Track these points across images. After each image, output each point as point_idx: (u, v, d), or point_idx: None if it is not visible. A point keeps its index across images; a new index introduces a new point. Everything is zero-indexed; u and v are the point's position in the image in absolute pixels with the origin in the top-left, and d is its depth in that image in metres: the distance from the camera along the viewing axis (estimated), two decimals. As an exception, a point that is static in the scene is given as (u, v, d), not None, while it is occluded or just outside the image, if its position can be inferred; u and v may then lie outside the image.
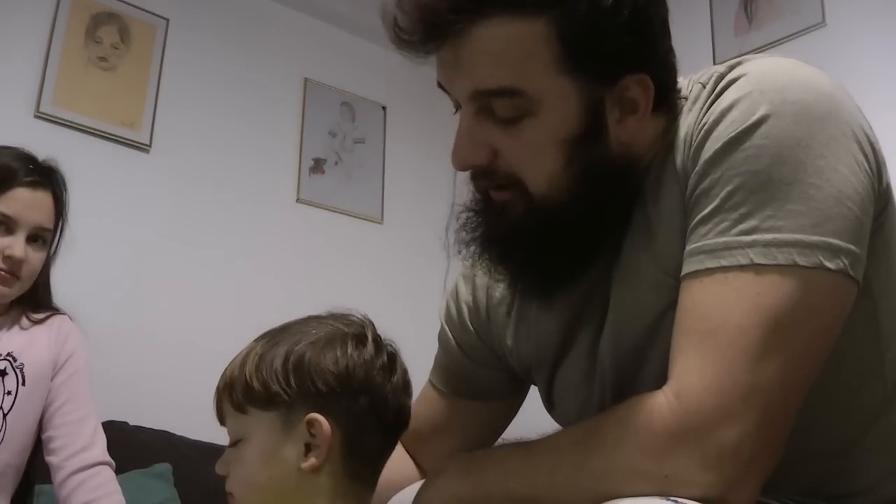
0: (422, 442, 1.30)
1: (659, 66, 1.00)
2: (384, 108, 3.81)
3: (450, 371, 1.32)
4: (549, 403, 1.21)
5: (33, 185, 1.82)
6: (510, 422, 1.32)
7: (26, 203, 1.80)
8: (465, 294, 1.29)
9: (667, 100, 1.03)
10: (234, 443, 1.06)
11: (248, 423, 1.05)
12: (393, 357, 1.09)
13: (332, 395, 1.03)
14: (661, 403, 0.88)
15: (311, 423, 1.01)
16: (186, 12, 3.29)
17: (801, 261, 0.87)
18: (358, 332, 1.09)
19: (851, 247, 0.89)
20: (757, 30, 2.90)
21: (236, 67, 3.40)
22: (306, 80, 3.59)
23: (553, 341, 1.13)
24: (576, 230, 1.01)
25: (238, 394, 1.05)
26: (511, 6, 0.94)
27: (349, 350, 1.05)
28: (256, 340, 1.09)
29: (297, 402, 1.02)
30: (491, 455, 1.05)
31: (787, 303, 0.87)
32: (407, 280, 3.67)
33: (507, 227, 1.02)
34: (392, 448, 1.10)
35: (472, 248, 1.07)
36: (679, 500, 0.83)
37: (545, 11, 0.94)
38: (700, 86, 1.02)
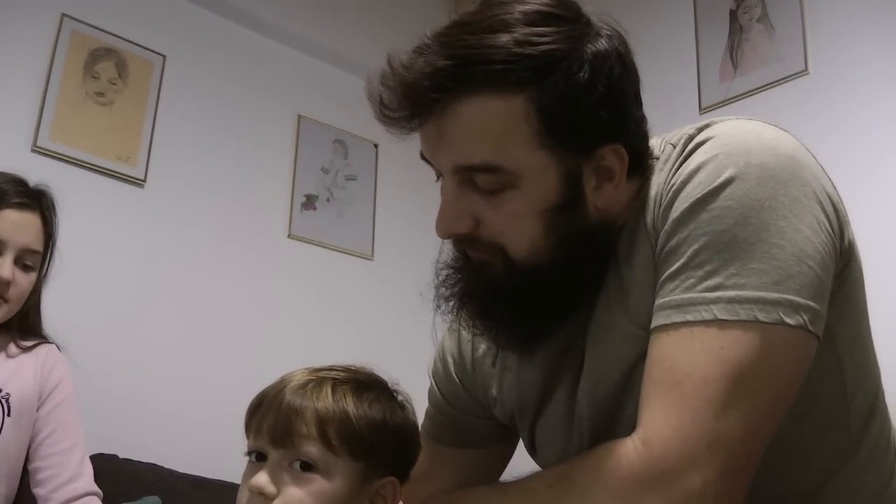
0: (413, 486, 1.33)
1: (632, 135, 1.05)
2: (376, 146, 3.84)
3: (436, 422, 1.36)
4: (532, 449, 1.24)
5: (21, 206, 1.82)
6: (501, 468, 1.35)
7: (14, 224, 1.80)
8: (450, 347, 1.33)
9: (640, 165, 1.07)
10: (303, 467, 1.03)
11: (334, 462, 1.04)
12: None
13: (409, 459, 1.12)
14: (629, 450, 0.92)
15: (388, 486, 1.07)
16: (183, 49, 3.32)
17: (762, 317, 0.91)
18: (403, 398, 1.16)
19: (811, 303, 0.93)
20: (742, 76, 2.94)
21: (231, 103, 3.44)
22: (300, 116, 3.63)
23: (534, 391, 1.17)
24: (554, 290, 1.05)
25: (335, 431, 1.04)
26: (491, 84, 0.98)
27: (410, 417, 1.13)
28: (323, 374, 1.11)
29: (380, 461, 1.06)
30: (468, 496, 1.09)
31: (749, 356, 0.91)
32: (396, 316, 3.68)
33: (487, 285, 1.06)
34: None
35: (452, 303, 1.11)
36: None
37: (525, 88, 0.98)
38: (671, 147, 1.06)
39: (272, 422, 1.04)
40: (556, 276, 1.03)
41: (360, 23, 3.78)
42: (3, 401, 1.79)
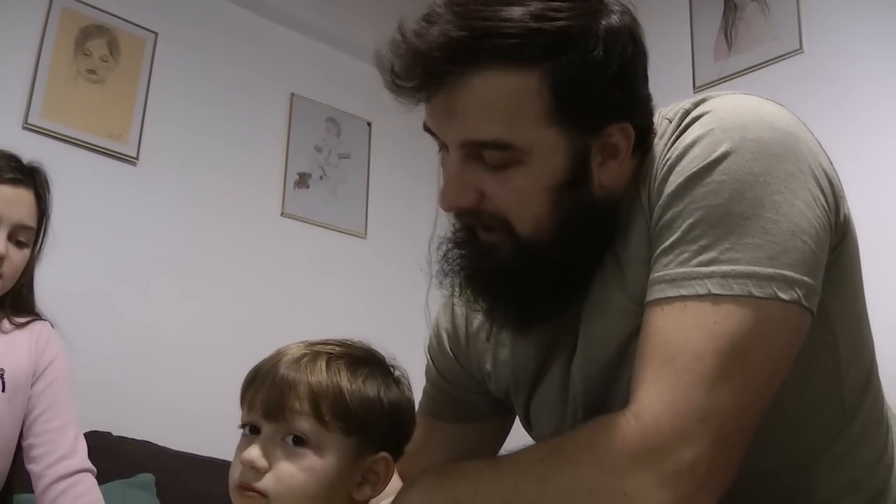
0: (409, 460, 1.34)
1: (640, 113, 1.04)
2: (369, 124, 3.84)
3: (432, 397, 1.37)
4: (528, 424, 1.25)
5: (15, 182, 1.81)
6: (499, 443, 1.36)
7: (7, 200, 1.79)
8: (444, 322, 1.33)
9: (644, 142, 1.06)
10: (295, 441, 1.04)
11: (326, 437, 1.04)
12: None
13: (404, 436, 1.13)
14: (621, 424, 0.92)
15: (381, 462, 1.08)
16: (175, 26, 3.31)
17: (756, 292, 0.91)
18: (401, 372, 1.17)
19: (806, 279, 0.93)
20: (736, 55, 2.94)
21: (224, 81, 3.43)
22: (293, 95, 3.62)
23: (529, 367, 1.17)
24: (558, 269, 1.05)
25: (328, 406, 1.04)
26: (506, 59, 0.96)
27: (405, 393, 1.14)
28: (318, 348, 1.11)
29: (376, 437, 1.08)
30: (462, 469, 1.08)
31: (743, 331, 0.91)
32: (389, 294, 3.70)
33: (493, 266, 1.05)
34: None
35: (455, 280, 1.10)
36: None
37: (539, 64, 0.96)
38: (667, 121, 1.06)
39: (265, 395, 1.05)
40: (562, 253, 1.03)
41: (352, 1, 3.76)
42: None
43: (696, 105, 1.03)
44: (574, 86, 0.97)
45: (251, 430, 1.06)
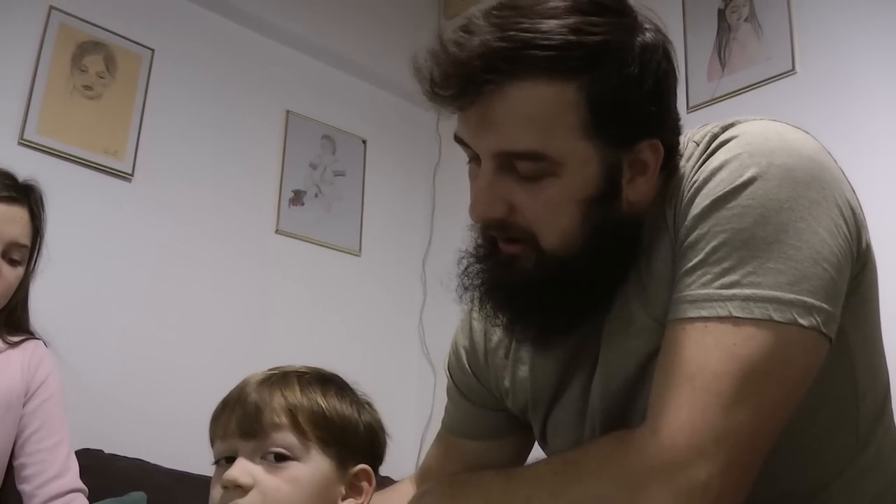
0: (428, 475, 1.35)
1: (670, 130, 1.06)
2: (364, 142, 3.84)
3: (453, 414, 1.39)
4: (543, 441, 1.26)
5: (9, 200, 1.81)
6: (518, 460, 1.35)
7: (2, 218, 1.79)
8: (462, 340, 1.35)
9: (671, 161, 1.07)
10: (278, 458, 1.04)
11: (307, 448, 1.06)
12: None
13: (378, 450, 1.16)
14: (637, 439, 0.94)
15: (361, 475, 1.11)
16: (172, 43, 3.32)
17: (776, 316, 0.92)
18: (362, 396, 1.20)
19: (825, 305, 0.94)
20: (730, 75, 2.95)
21: (220, 98, 3.43)
22: (288, 112, 3.62)
23: (549, 383, 1.18)
24: (581, 284, 1.05)
25: (305, 418, 1.06)
26: (545, 70, 0.97)
27: (375, 415, 1.17)
28: (285, 369, 1.13)
29: (354, 452, 1.11)
30: (474, 480, 1.09)
31: (761, 354, 0.92)
32: (384, 311, 3.70)
33: (515, 279, 1.06)
34: None
35: (475, 294, 1.11)
36: None
37: (577, 77, 0.98)
38: (694, 144, 1.07)
39: (241, 416, 1.05)
40: (586, 268, 1.04)
41: (348, 19, 3.78)
42: None
43: (725, 129, 1.04)
44: (610, 100, 0.98)
45: (227, 461, 1.06)
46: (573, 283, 1.05)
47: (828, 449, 1.06)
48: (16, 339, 1.90)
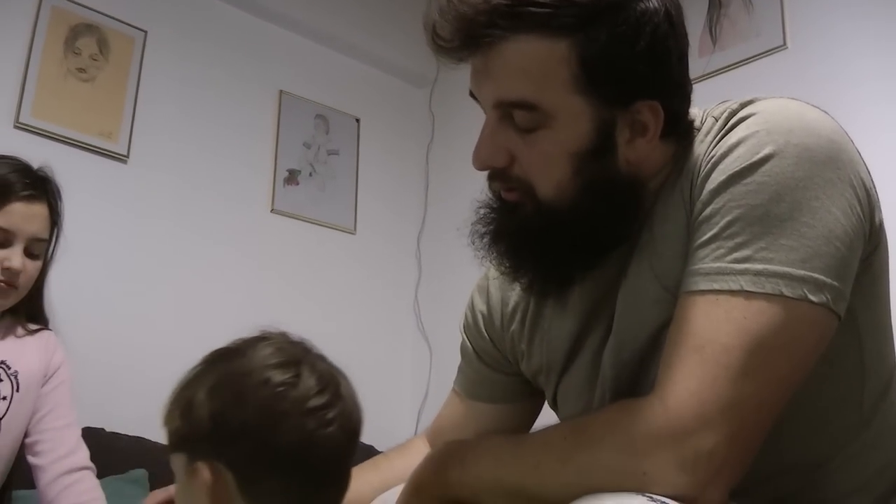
0: (441, 437, 1.37)
1: (671, 94, 1.07)
2: (358, 121, 3.86)
3: (466, 376, 1.42)
4: (555, 406, 1.28)
5: (30, 198, 1.86)
6: (529, 424, 1.39)
7: (23, 216, 1.84)
8: (479, 304, 1.37)
9: (677, 127, 1.09)
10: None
11: (173, 460, 1.01)
12: (295, 375, 0.97)
13: (207, 441, 0.96)
14: (645, 407, 0.95)
15: (198, 472, 0.95)
16: (164, 24, 3.32)
17: (787, 292, 0.94)
18: (253, 356, 1.00)
19: (835, 283, 0.95)
20: (721, 51, 2.96)
21: (213, 79, 3.44)
22: (281, 92, 3.64)
23: (562, 349, 1.21)
24: (579, 236, 1.09)
25: (166, 435, 1.01)
26: (540, 27, 1.02)
27: (232, 388, 0.97)
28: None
29: (189, 447, 0.97)
30: (485, 444, 1.11)
31: (770, 329, 0.93)
32: (379, 288, 3.73)
33: (517, 225, 1.11)
34: (323, 485, 0.99)
35: (484, 240, 1.14)
36: (656, 497, 0.90)
37: (569, 35, 1.02)
38: (713, 119, 1.09)
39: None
40: (580, 220, 1.07)
41: (341, -2, 3.78)
42: (13, 377, 1.87)
43: (743, 106, 1.06)
44: (601, 57, 1.02)
45: None
46: (570, 234, 1.08)
47: (832, 424, 1.08)
48: (34, 327, 1.98)
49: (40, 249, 1.90)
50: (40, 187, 1.90)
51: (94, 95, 3.08)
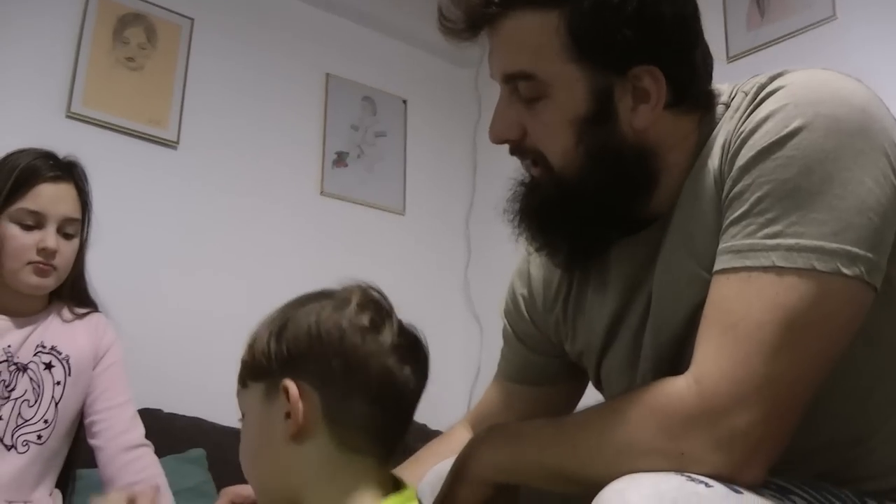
0: (485, 422, 1.38)
1: (672, 60, 1.07)
2: (405, 102, 3.87)
3: (508, 360, 1.42)
4: (599, 386, 1.29)
5: (55, 179, 1.90)
6: (572, 407, 1.38)
7: (51, 197, 1.88)
8: (519, 287, 1.38)
9: (686, 95, 1.09)
10: (242, 418, 1.08)
11: (245, 396, 1.07)
12: (380, 319, 1.04)
13: (303, 360, 1.00)
14: (681, 387, 0.95)
15: (284, 390, 0.99)
16: (210, 12, 3.36)
17: (819, 266, 0.92)
18: (344, 296, 1.07)
19: (869, 254, 0.94)
20: (769, 24, 2.92)
21: (260, 64, 3.47)
22: (328, 75, 3.65)
23: (602, 329, 1.21)
24: (593, 205, 1.10)
25: (241, 370, 1.08)
26: (532, 2, 1.07)
27: (325, 313, 1.03)
28: None
29: (276, 370, 1.01)
30: (527, 427, 1.12)
31: (804, 304, 0.92)
32: (429, 269, 3.74)
33: (539, 200, 1.13)
34: (396, 420, 1.03)
35: (515, 218, 1.17)
36: (695, 476, 0.90)
37: (558, 6, 1.05)
38: (742, 94, 1.08)
39: None
40: (591, 190, 1.09)
41: (385, -21, 3.78)
42: (64, 362, 1.92)
43: (772, 79, 1.05)
44: (587, 24, 1.05)
45: None
46: (584, 204, 1.10)
47: (871, 399, 1.06)
48: (82, 311, 2.01)
49: (73, 229, 1.93)
50: (66, 169, 1.94)
51: (143, 83, 3.12)
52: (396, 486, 1.03)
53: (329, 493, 0.99)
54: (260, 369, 1.04)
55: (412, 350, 1.05)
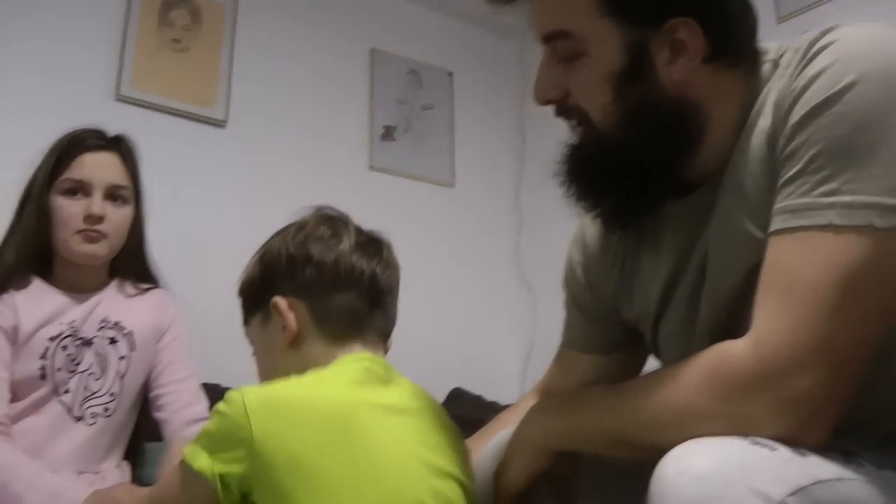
0: (550, 392, 1.38)
1: (708, 11, 1.06)
2: (450, 75, 3.85)
3: (571, 330, 1.42)
4: (656, 352, 1.28)
5: (97, 147, 1.94)
6: (636, 374, 1.37)
7: (94, 164, 1.92)
8: (576, 255, 1.38)
9: (727, 49, 1.08)
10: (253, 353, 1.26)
11: (250, 331, 1.26)
12: (338, 228, 1.27)
13: (282, 278, 1.21)
14: (739, 351, 0.94)
15: (275, 307, 1.20)
16: (253, -11, 3.37)
17: (877, 222, 0.91)
18: (305, 220, 1.29)
19: None
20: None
21: (304, 41, 3.47)
22: (373, 50, 3.65)
23: (657, 293, 1.20)
24: (637, 161, 1.10)
25: (241, 309, 1.27)
26: None
27: (290, 236, 1.25)
28: None
29: (265, 293, 1.22)
30: (586, 395, 1.13)
31: (862, 262, 0.91)
32: (480, 240, 3.73)
33: (584, 158, 1.14)
34: (374, 307, 1.24)
35: (562, 179, 1.17)
36: (759, 439, 0.89)
37: None
38: (793, 51, 1.06)
39: None
40: (633, 145, 1.09)
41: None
42: (128, 337, 1.97)
43: (824, 34, 1.03)
44: None
45: None
46: (627, 160, 1.10)
47: None
48: (143, 286, 2.06)
49: (124, 195, 1.96)
50: (110, 140, 1.97)
51: (190, 64, 3.14)
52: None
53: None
54: (252, 299, 1.24)
55: (372, 245, 1.29)
